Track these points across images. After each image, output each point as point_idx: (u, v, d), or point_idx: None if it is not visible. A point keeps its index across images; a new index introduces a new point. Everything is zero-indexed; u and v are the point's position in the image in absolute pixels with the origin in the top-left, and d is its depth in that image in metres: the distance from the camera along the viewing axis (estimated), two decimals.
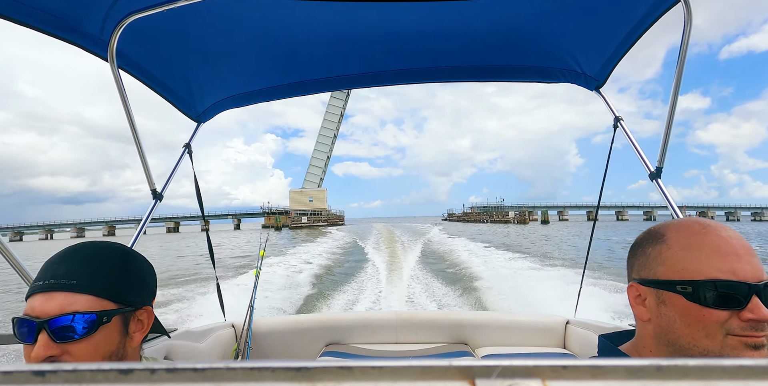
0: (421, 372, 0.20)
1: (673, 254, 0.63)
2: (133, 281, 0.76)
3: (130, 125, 1.66)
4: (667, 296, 0.63)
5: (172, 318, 6.69)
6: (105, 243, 0.77)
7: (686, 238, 0.63)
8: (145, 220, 1.83)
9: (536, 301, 6.63)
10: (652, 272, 0.65)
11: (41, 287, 0.68)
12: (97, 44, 1.42)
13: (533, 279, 9.05)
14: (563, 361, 0.20)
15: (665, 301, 0.64)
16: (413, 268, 11.68)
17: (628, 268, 0.73)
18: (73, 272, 0.69)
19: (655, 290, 0.65)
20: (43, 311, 0.67)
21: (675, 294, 0.62)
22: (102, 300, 0.70)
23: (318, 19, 1.53)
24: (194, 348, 1.78)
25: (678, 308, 0.62)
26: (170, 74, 1.79)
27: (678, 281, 0.61)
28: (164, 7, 1.29)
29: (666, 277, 0.63)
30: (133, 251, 0.80)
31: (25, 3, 1.17)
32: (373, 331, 2.25)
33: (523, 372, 0.20)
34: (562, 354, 2.09)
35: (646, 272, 0.66)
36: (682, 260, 0.62)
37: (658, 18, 1.47)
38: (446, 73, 1.95)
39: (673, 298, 0.62)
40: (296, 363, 0.20)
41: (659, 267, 0.64)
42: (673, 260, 0.63)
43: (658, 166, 1.63)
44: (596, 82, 1.92)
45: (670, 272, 0.63)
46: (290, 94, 2.06)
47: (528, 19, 1.58)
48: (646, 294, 0.67)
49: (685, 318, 0.61)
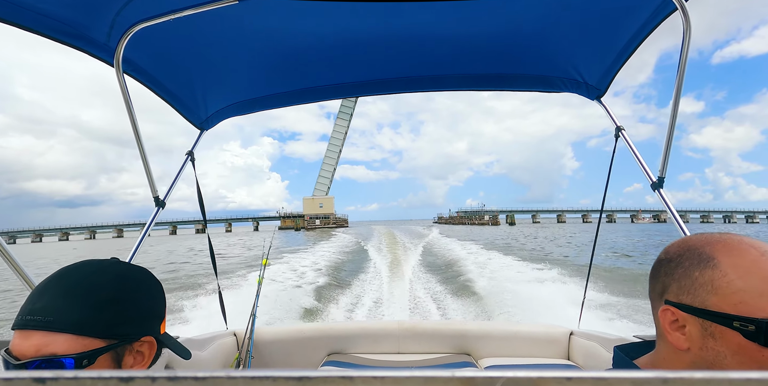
0: (424, 382, 0.20)
1: (729, 284, 0.55)
2: (128, 310, 0.65)
3: (134, 132, 1.67)
4: (718, 329, 0.56)
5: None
6: (100, 265, 0.67)
7: (744, 266, 0.56)
8: (147, 227, 1.84)
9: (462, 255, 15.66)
10: (699, 300, 0.58)
11: (18, 324, 0.61)
12: (103, 51, 1.44)
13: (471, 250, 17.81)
14: (567, 373, 0.20)
15: (714, 334, 0.56)
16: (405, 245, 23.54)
17: (656, 285, 0.65)
18: (51, 308, 0.60)
19: (701, 320, 0.58)
20: (20, 351, 0.60)
21: (730, 330, 0.55)
22: (84, 338, 0.60)
23: (320, 27, 1.56)
24: (195, 356, 1.76)
25: (732, 345, 0.55)
26: (175, 81, 1.81)
27: (737, 317, 0.54)
28: (170, 16, 1.33)
29: (719, 309, 0.56)
30: (136, 270, 0.71)
31: (34, 10, 1.19)
32: (375, 341, 2.26)
33: (526, 384, 0.20)
34: (566, 365, 2.07)
35: (690, 297, 0.59)
36: (742, 292, 0.54)
37: (656, 26, 1.48)
38: (448, 81, 1.98)
39: (726, 333, 0.55)
40: (298, 373, 0.20)
41: (710, 296, 0.57)
42: (730, 291, 0.55)
43: (660, 176, 1.61)
44: (597, 91, 1.94)
45: (725, 304, 0.55)
46: (293, 102, 2.09)
47: (530, 28, 1.60)
48: (686, 321, 0.60)
49: (738, 356, 0.55)
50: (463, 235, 34.47)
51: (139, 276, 0.70)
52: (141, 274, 0.71)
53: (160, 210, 1.85)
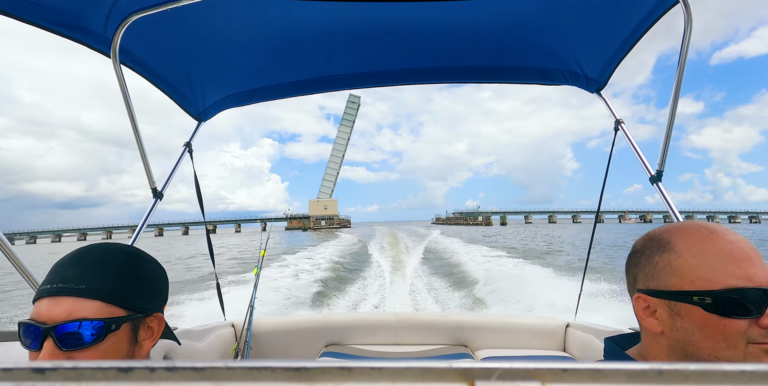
0: (421, 373, 0.20)
1: (684, 263, 0.60)
2: (143, 286, 0.72)
3: (131, 123, 1.66)
4: (682, 307, 0.60)
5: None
6: (116, 245, 0.74)
7: (696, 245, 0.61)
8: (145, 219, 1.81)
9: (452, 247, 19.84)
10: (662, 283, 0.62)
11: (48, 291, 0.65)
12: (100, 42, 1.42)
13: (457, 245, 20.84)
14: (563, 364, 0.20)
15: (680, 313, 0.61)
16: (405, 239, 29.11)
17: (629, 278, 0.69)
18: (81, 276, 0.66)
19: (667, 301, 0.62)
20: (50, 316, 0.64)
21: (692, 306, 0.59)
22: (111, 306, 0.67)
23: (320, 18, 1.54)
24: (194, 347, 1.78)
25: (696, 320, 0.59)
26: (173, 72, 1.80)
27: (694, 292, 0.59)
28: (167, 6, 1.30)
29: (679, 288, 0.60)
30: (145, 254, 0.77)
31: (29, 1, 1.17)
32: (372, 332, 2.27)
33: (523, 375, 0.20)
34: (562, 357, 2.09)
35: (655, 282, 0.63)
36: (696, 269, 0.59)
37: (657, 19, 1.47)
38: (448, 73, 1.97)
39: (689, 310, 0.59)
40: (296, 363, 0.20)
41: (670, 277, 0.61)
42: (685, 270, 0.60)
43: (658, 169, 1.62)
44: (597, 84, 1.93)
45: (683, 282, 0.60)
46: (292, 94, 2.07)
47: (530, 19, 1.59)
48: (656, 306, 0.64)
49: (704, 329, 0.58)
50: (452, 233, 39.94)
51: (149, 258, 0.77)
52: (150, 256, 0.77)
53: (158, 202, 1.85)
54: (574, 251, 20.35)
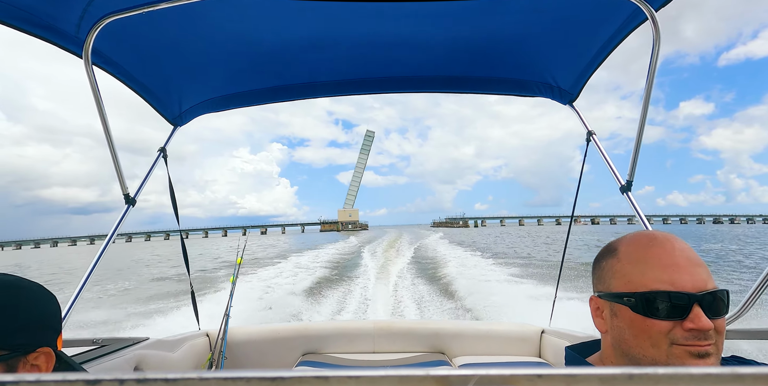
0: (399, 381, 0.20)
1: (622, 268, 0.66)
2: (21, 319, 0.63)
3: (103, 126, 1.62)
4: (617, 308, 0.66)
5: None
6: None
7: (634, 252, 0.66)
8: (115, 228, 1.75)
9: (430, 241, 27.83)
10: (606, 286, 0.69)
11: None
12: (72, 42, 1.40)
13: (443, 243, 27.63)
14: (538, 370, 0.21)
15: (616, 313, 0.66)
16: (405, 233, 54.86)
17: (592, 282, 0.74)
18: None
19: (609, 303, 0.68)
20: None
21: (623, 306, 0.64)
22: None
23: (298, 26, 1.55)
24: (166, 357, 1.74)
25: (626, 319, 0.64)
26: (148, 75, 1.78)
27: (624, 294, 0.64)
28: (143, 9, 1.29)
29: (617, 290, 0.66)
30: (24, 282, 0.68)
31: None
32: (350, 340, 2.25)
33: (499, 381, 0.20)
34: (537, 363, 2.11)
35: (603, 285, 0.69)
36: (630, 273, 0.65)
37: (627, 34, 1.54)
38: (426, 83, 2.02)
39: (621, 310, 0.65)
40: (271, 373, 0.20)
41: (612, 280, 0.68)
42: (622, 273, 0.66)
43: (628, 179, 1.68)
44: (570, 95, 2.01)
45: (619, 285, 0.66)
46: (270, 100, 2.07)
47: (507, 32, 1.65)
48: (603, 307, 0.69)
49: (632, 329, 0.63)
50: (441, 231, 63.72)
51: (27, 285, 0.68)
52: (30, 284, 0.69)
53: (130, 208, 1.79)
54: (482, 238, 35.85)
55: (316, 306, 8.04)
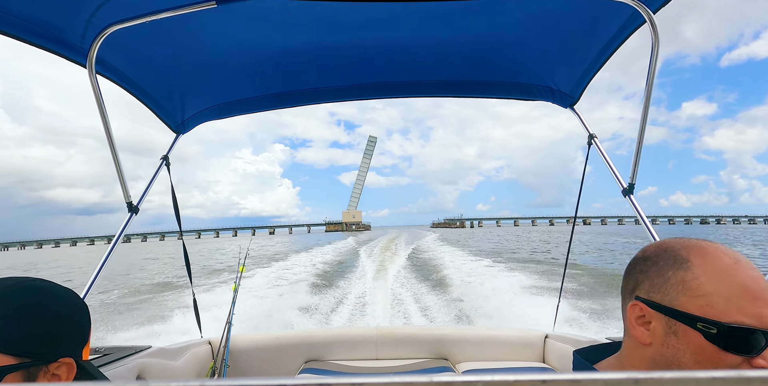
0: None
1: (699, 286, 0.58)
2: (46, 327, 0.62)
3: (106, 134, 1.65)
4: (681, 328, 0.59)
5: None
6: (13, 281, 0.63)
7: (715, 271, 0.59)
8: (119, 235, 1.79)
9: (426, 241, 31.52)
10: (669, 299, 0.61)
11: None
12: (77, 53, 1.42)
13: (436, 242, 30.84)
14: (542, 375, 0.21)
15: (677, 333, 0.59)
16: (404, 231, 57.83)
17: (629, 281, 0.68)
18: None
19: (666, 317, 0.61)
20: None
21: (693, 330, 0.58)
22: None
23: (300, 31, 1.56)
24: (168, 366, 1.75)
25: (692, 344, 0.58)
26: (151, 83, 1.80)
27: (702, 319, 0.57)
28: (146, 19, 1.30)
29: (686, 309, 0.59)
30: (55, 288, 0.66)
31: (4, 11, 1.17)
32: (353, 347, 2.26)
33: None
34: (542, 368, 2.10)
35: (660, 296, 0.62)
36: (710, 295, 0.57)
37: (627, 37, 1.54)
38: (427, 87, 2.03)
39: (688, 333, 0.58)
40: (274, 381, 0.20)
41: (679, 296, 0.60)
42: (698, 293, 0.58)
43: (630, 182, 1.67)
44: (570, 99, 2.00)
45: (692, 305, 0.58)
46: (272, 107, 2.09)
47: (507, 36, 1.65)
48: (652, 318, 0.62)
49: (697, 355, 0.58)
50: (438, 231, 67.57)
51: (58, 293, 0.66)
52: (62, 291, 0.67)
53: (133, 216, 1.81)
54: (467, 239, 37.89)
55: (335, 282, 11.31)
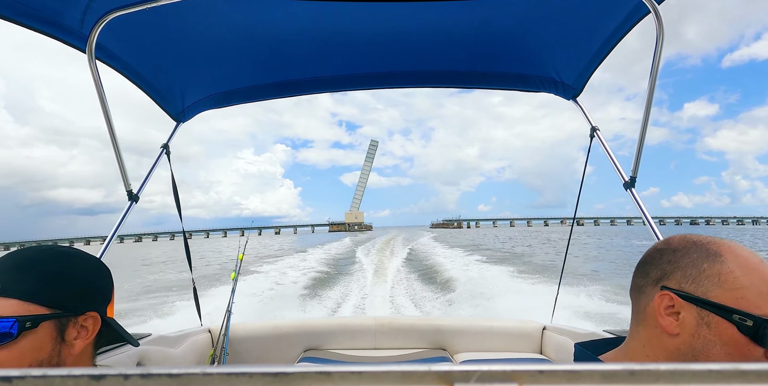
0: (401, 377, 0.21)
1: (735, 279, 0.60)
2: (73, 285, 0.72)
3: (106, 122, 1.63)
4: (715, 320, 0.60)
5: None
6: (46, 247, 0.74)
7: (749, 267, 0.61)
8: (119, 223, 1.77)
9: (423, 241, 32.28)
10: (703, 290, 0.62)
11: None
12: (76, 38, 1.41)
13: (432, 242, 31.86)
14: (540, 366, 0.21)
15: (710, 324, 0.61)
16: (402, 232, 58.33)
17: (653, 271, 0.68)
18: (1, 277, 0.67)
19: (698, 308, 0.62)
20: None
21: (727, 322, 0.59)
22: (30, 304, 0.67)
23: (302, 19, 1.56)
24: (168, 353, 1.75)
25: (725, 336, 0.59)
26: (151, 70, 1.79)
27: (737, 311, 0.59)
28: (147, 5, 1.30)
29: (721, 301, 0.60)
30: (83, 254, 0.77)
31: None
32: (352, 337, 2.27)
33: (500, 377, 0.21)
34: (539, 359, 2.12)
35: (693, 287, 0.63)
36: (745, 289, 0.59)
37: (630, 28, 1.54)
38: (430, 77, 2.01)
39: (722, 324, 0.60)
40: (274, 368, 0.20)
41: (714, 288, 0.61)
42: (734, 285, 0.60)
43: (632, 175, 1.66)
44: (573, 90, 2.00)
45: (727, 297, 0.60)
46: (273, 95, 2.08)
47: (510, 26, 1.64)
48: (682, 308, 0.63)
49: (728, 347, 0.59)
50: (435, 231, 68.77)
51: (84, 256, 0.76)
52: (87, 255, 0.77)
53: (133, 204, 1.82)
54: (455, 238, 41.94)
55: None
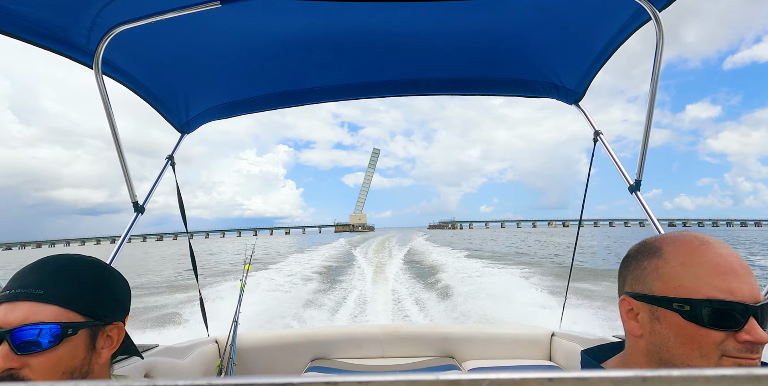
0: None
1: (670, 270, 0.61)
2: (104, 294, 0.74)
3: (112, 134, 1.66)
4: (662, 313, 0.61)
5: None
6: (78, 256, 0.76)
7: (684, 254, 0.61)
8: (125, 234, 1.79)
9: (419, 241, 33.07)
10: (647, 287, 0.64)
11: (7, 297, 0.67)
12: (83, 54, 1.43)
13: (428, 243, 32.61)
14: (549, 374, 0.20)
15: (659, 318, 0.62)
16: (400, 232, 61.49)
17: (620, 280, 0.70)
18: (40, 282, 0.68)
19: (649, 305, 0.63)
20: (6, 321, 0.65)
21: (671, 312, 0.60)
22: (69, 311, 0.68)
23: (303, 31, 1.57)
24: (175, 364, 1.75)
25: (673, 326, 0.60)
26: (156, 83, 1.81)
27: (675, 299, 0.60)
28: (151, 19, 1.31)
29: (662, 293, 0.61)
30: (107, 265, 0.79)
31: (10, 13, 1.18)
32: (358, 345, 2.25)
33: (510, 385, 0.20)
34: (548, 366, 2.09)
35: (641, 286, 0.65)
36: (680, 276, 0.60)
37: (631, 33, 1.55)
38: (432, 85, 2.03)
39: (668, 315, 0.61)
40: (281, 379, 0.20)
41: (655, 282, 0.63)
42: (670, 276, 0.61)
43: (636, 179, 1.65)
44: (575, 95, 2.00)
45: (666, 288, 0.61)
46: (276, 106, 2.10)
47: (511, 32, 1.65)
48: (638, 309, 0.65)
49: (680, 337, 0.60)
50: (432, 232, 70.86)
51: (112, 271, 0.79)
52: (111, 268, 0.80)
53: (139, 216, 1.83)
54: (444, 238, 44.66)
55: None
